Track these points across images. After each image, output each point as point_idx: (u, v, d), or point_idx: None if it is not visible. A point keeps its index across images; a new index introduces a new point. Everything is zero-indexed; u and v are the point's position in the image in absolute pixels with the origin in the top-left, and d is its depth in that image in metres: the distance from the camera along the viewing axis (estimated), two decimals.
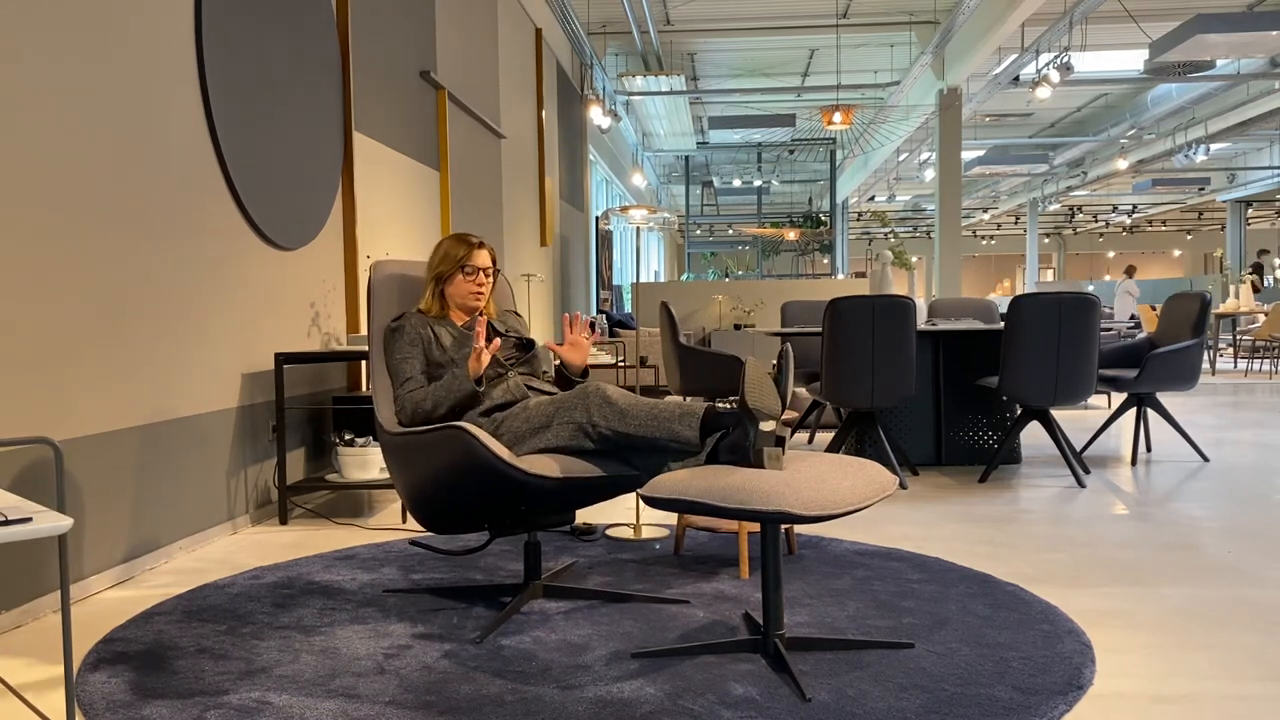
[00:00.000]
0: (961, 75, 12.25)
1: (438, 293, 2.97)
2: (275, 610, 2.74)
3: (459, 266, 2.92)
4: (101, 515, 3.04)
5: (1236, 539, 3.49)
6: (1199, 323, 5.15)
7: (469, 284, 2.94)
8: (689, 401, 2.58)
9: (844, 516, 2.49)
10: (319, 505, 4.32)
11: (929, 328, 5.04)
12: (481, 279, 2.95)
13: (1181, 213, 30.23)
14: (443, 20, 6.33)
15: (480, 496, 2.52)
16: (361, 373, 4.91)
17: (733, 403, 2.75)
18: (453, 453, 2.46)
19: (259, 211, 3.93)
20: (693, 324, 11.10)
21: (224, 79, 3.69)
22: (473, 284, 2.94)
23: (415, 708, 2.05)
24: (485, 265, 2.95)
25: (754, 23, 12.05)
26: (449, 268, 2.93)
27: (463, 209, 6.65)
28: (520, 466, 2.43)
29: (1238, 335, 13.39)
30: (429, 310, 2.94)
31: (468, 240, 2.97)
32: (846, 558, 3.26)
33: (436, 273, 2.95)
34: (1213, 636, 2.47)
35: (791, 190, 25.58)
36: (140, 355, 3.21)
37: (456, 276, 2.93)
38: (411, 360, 2.84)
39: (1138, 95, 16.14)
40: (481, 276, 2.95)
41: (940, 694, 2.09)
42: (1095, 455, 5.51)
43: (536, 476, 2.44)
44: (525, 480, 2.43)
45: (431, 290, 2.96)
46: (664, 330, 5.64)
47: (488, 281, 2.96)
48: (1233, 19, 9.27)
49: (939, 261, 12.80)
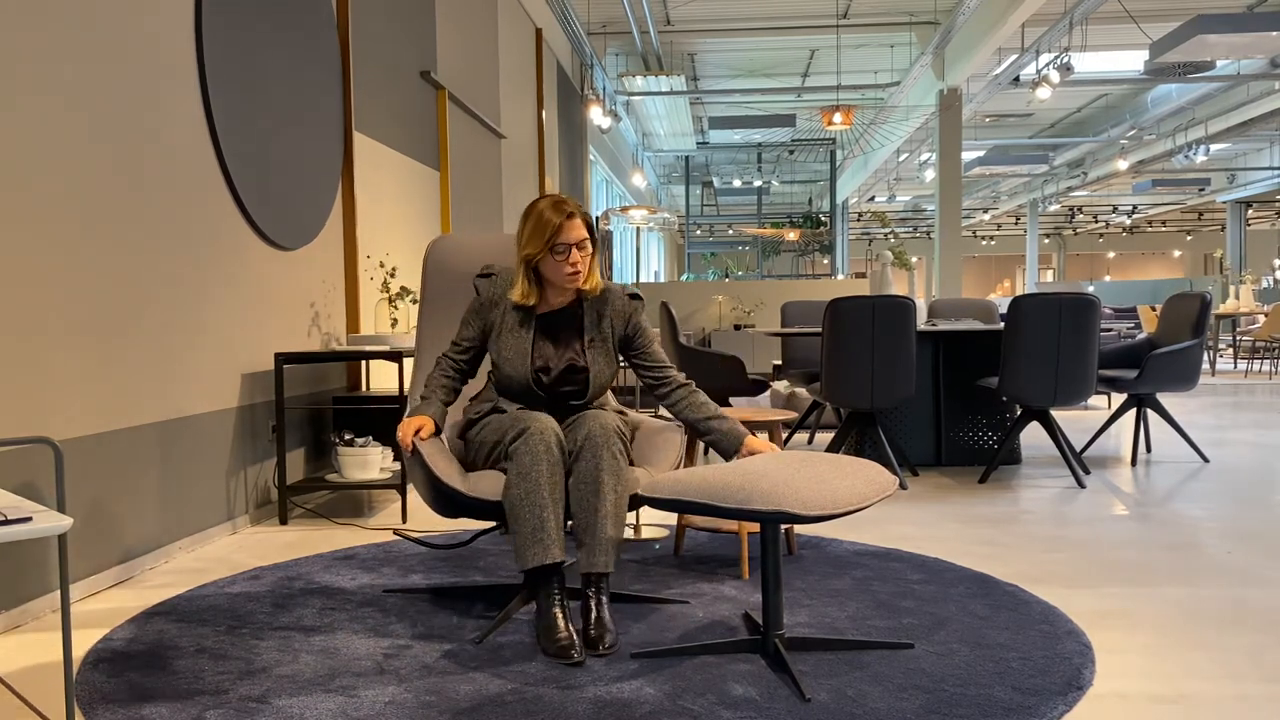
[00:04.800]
0: (961, 76, 12.25)
1: (531, 276, 2.61)
2: (275, 610, 2.74)
3: (548, 247, 2.54)
4: (101, 515, 3.04)
5: (1236, 539, 3.49)
6: (1199, 323, 5.15)
7: (562, 265, 2.57)
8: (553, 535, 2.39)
9: (844, 516, 2.49)
10: (319, 505, 4.32)
11: (929, 328, 5.04)
12: (575, 256, 2.56)
13: (1181, 213, 30.22)
14: (443, 20, 6.33)
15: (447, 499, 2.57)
16: (361, 373, 4.91)
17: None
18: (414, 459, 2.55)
19: (259, 211, 3.93)
20: (693, 324, 11.10)
21: (224, 79, 3.69)
22: (565, 264, 2.56)
23: (415, 708, 2.05)
24: (578, 239, 2.56)
25: (754, 23, 12.05)
26: (536, 249, 2.55)
27: (463, 209, 6.65)
28: (450, 484, 2.49)
29: (1238, 336, 13.39)
30: (525, 299, 2.61)
31: (558, 210, 2.55)
32: (846, 558, 3.26)
33: (525, 255, 2.58)
34: (1213, 636, 2.47)
35: (791, 190, 25.57)
36: (140, 355, 3.21)
37: (548, 258, 2.57)
38: (469, 324, 2.68)
39: (1138, 96, 16.13)
40: (574, 254, 2.56)
41: (940, 694, 2.09)
42: (1095, 456, 5.51)
43: (476, 500, 2.49)
44: (468, 501, 2.50)
45: (524, 274, 2.60)
46: (664, 330, 5.65)
47: (583, 256, 2.58)
48: (1233, 20, 9.27)
49: (939, 262, 12.80)
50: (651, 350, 2.74)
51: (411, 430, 2.54)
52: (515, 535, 2.40)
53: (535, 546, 2.37)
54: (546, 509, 2.39)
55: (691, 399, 2.68)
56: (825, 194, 23.26)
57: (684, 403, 2.68)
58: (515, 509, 2.40)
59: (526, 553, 2.37)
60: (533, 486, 2.39)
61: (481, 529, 2.71)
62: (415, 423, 2.57)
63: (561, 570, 2.43)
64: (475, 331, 2.70)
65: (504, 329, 2.66)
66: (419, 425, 2.56)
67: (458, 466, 2.58)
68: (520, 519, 2.39)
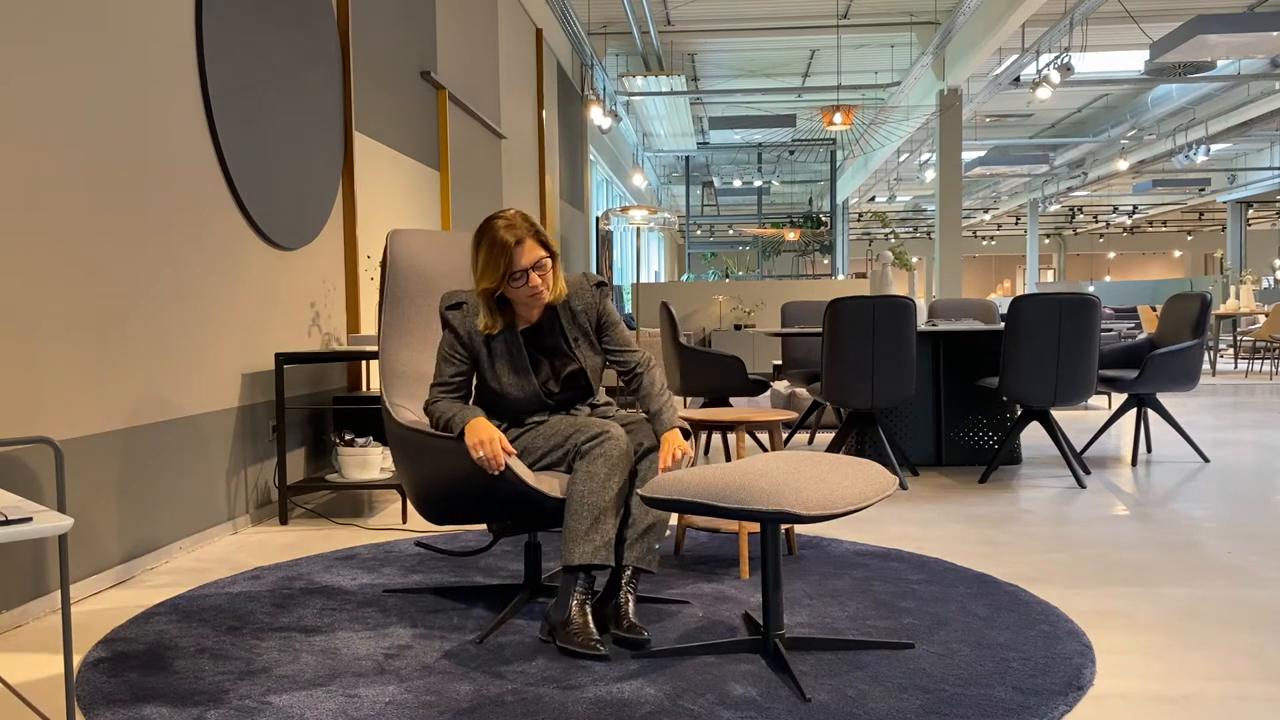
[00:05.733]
0: (962, 76, 12.25)
1: (493, 304, 2.56)
2: (275, 610, 2.74)
3: (505, 279, 2.50)
4: (101, 515, 3.04)
5: (1236, 539, 3.49)
6: (1199, 323, 5.15)
7: (523, 290, 2.52)
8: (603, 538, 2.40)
9: (844, 516, 2.49)
10: (319, 505, 4.32)
11: (929, 328, 5.03)
12: (534, 279, 2.51)
13: (1182, 213, 30.22)
14: (443, 20, 6.33)
15: (489, 502, 2.54)
16: (362, 373, 4.91)
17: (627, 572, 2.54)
18: (470, 463, 2.44)
19: (259, 211, 3.93)
20: (693, 324, 11.10)
21: (224, 79, 3.69)
22: (526, 288, 2.52)
23: (415, 708, 2.05)
24: (534, 261, 2.49)
25: (754, 23, 12.05)
26: (493, 282, 2.50)
27: (463, 209, 6.65)
28: (540, 489, 2.47)
29: (1238, 336, 13.39)
30: (492, 330, 2.56)
31: (510, 233, 2.48)
32: (846, 558, 3.26)
33: (483, 289, 2.52)
34: (1213, 636, 2.47)
35: (792, 190, 25.58)
36: (140, 355, 3.21)
37: (507, 286, 2.53)
38: (454, 360, 2.59)
39: (1138, 96, 16.14)
40: (533, 277, 2.50)
41: (940, 694, 2.09)
42: (1095, 456, 5.51)
43: (549, 496, 2.48)
44: (542, 499, 2.48)
45: (485, 306, 2.55)
46: (664, 331, 5.64)
47: (543, 275, 2.52)
48: (1233, 20, 9.27)
49: (939, 262, 12.80)
50: (616, 336, 2.70)
51: (497, 445, 2.41)
52: (568, 529, 2.42)
53: (587, 545, 2.39)
54: (607, 514, 2.42)
55: (649, 390, 2.64)
56: (825, 194, 23.28)
57: (642, 391, 2.65)
58: (577, 505, 2.42)
59: (577, 549, 2.39)
60: (599, 488, 2.42)
61: (500, 532, 2.70)
62: (491, 432, 2.43)
63: (592, 573, 2.45)
64: (463, 368, 2.61)
65: (495, 357, 2.61)
66: (494, 435, 2.42)
67: (530, 471, 2.54)
68: (579, 515, 2.41)
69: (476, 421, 2.46)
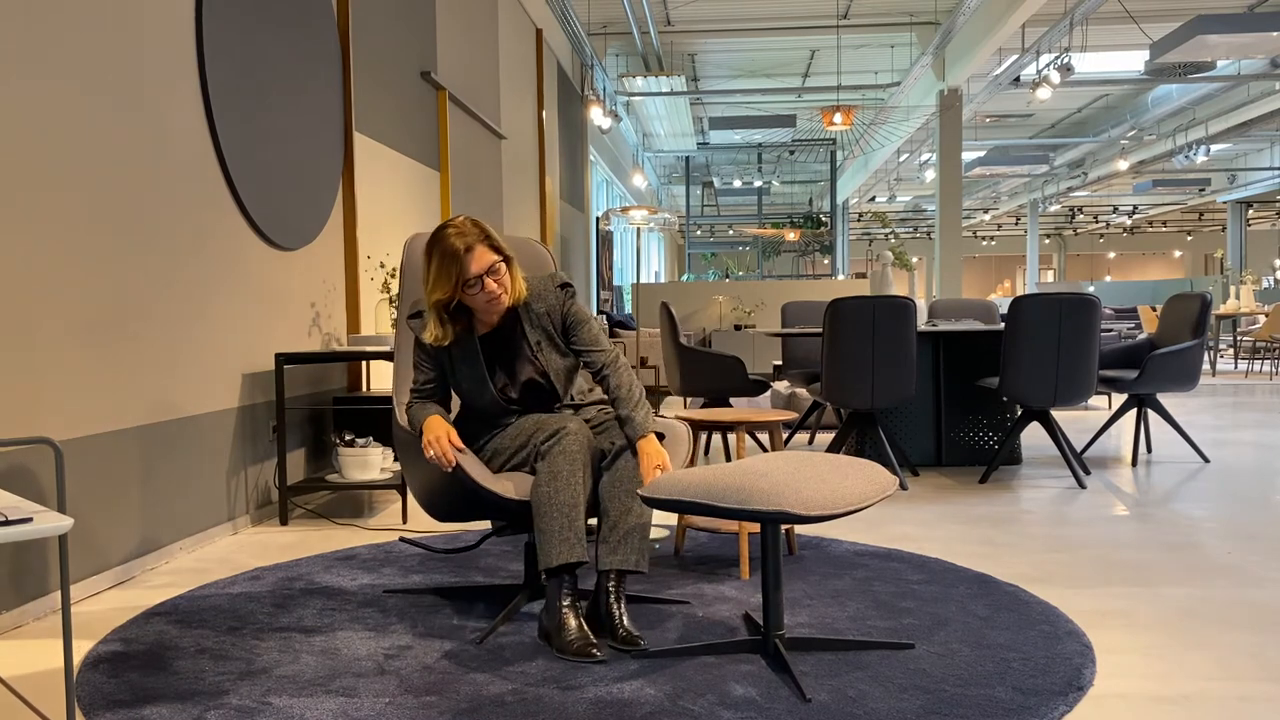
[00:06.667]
0: (962, 76, 12.25)
1: (445, 316, 2.53)
2: (275, 611, 2.74)
3: (459, 288, 2.48)
4: (101, 515, 3.04)
5: (1236, 539, 3.49)
6: (1199, 324, 5.15)
7: (480, 298, 2.50)
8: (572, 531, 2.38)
9: (844, 516, 2.49)
10: (319, 505, 4.32)
11: (929, 328, 5.04)
12: (489, 284, 2.49)
13: (1182, 213, 30.22)
14: (443, 20, 6.33)
15: (471, 502, 2.55)
16: (362, 373, 4.91)
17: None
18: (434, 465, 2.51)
19: (259, 211, 3.93)
20: (693, 324, 11.11)
21: (224, 79, 3.69)
22: (482, 294, 2.50)
23: (415, 708, 2.05)
24: (486, 266, 2.47)
25: (754, 23, 12.05)
26: (446, 293, 2.47)
27: (463, 209, 6.65)
28: (493, 489, 2.47)
29: (1238, 336, 13.39)
30: (440, 342, 2.54)
31: (459, 240, 2.46)
32: (846, 558, 3.26)
33: (434, 300, 2.49)
34: (1213, 636, 2.47)
35: (792, 191, 25.57)
36: (140, 355, 3.21)
37: (462, 295, 2.51)
38: (422, 367, 2.62)
39: (1138, 96, 16.13)
40: (488, 283, 2.48)
41: (940, 694, 2.09)
42: (1095, 456, 5.51)
43: (503, 497, 2.48)
44: (496, 499, 2.48)
45: (435, 317, 2.52)
46: (664, 331, 5.64)
47: (498, 279, 2.50)
48: (1233, 20, 9.27)
49: (939, 262, 12.80)
50: (584, 335, 2.62)
51: (445, 442, 2.44)
52: (541, 533, 2.40)
53: (562, 545, 2.37)
54: (576, 509, 2.40)
55: (617, 392, 2.56)
56: (825, 194, 23.27)
57: (611, 394, 2.57)
58: (545, 508, 2.40)
59: (553, 551, 2.37)
60: (564, 486, 2.40)
61: (487, 532, 2.70)
62: (440, 429, 2.47)
63: (575, 571, 2.44)
64: (432, 374, 2.63)
65: (456, 362, 2.61)
66: (447, 432, 2.47)
67: (487, 471, 2.56)
68: (549, 517, 2.39)
69: (430, 420, 2.52)
